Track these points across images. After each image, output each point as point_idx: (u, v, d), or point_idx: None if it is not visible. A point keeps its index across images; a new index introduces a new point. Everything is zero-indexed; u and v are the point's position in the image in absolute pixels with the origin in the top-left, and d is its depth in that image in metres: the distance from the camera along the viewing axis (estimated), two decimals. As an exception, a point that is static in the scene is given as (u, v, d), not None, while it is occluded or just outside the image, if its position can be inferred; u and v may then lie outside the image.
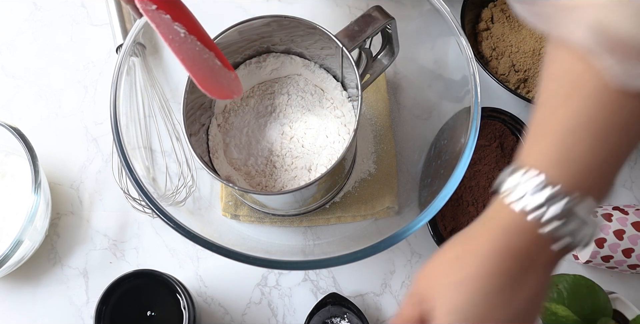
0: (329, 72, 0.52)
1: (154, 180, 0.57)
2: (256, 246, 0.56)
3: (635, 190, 0.61)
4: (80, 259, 0.58)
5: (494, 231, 0.31)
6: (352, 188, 0.59)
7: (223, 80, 0.38)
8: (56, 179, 0.61)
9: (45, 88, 0.64)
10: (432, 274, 0.33)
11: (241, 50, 0.50)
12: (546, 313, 0.47)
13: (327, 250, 0.57)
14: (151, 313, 0.49)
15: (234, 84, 0.38)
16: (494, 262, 0.30)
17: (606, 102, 0.29)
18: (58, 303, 0.57)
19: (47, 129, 0.63)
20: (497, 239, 0.31)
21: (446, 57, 0.52)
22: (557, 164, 0.30)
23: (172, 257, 0.59)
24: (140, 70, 0.59)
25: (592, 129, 0.30)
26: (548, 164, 0.30)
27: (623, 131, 0.30)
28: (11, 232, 0.55)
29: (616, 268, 0.54)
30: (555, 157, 0.30)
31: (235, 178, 0.49)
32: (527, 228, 0.30)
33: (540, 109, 0.32)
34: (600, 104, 0.29)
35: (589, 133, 0.30)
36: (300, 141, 0.51)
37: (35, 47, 0.66)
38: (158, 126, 0.58)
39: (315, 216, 0.58)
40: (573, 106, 0.30)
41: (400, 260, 0.58)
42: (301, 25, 0.46)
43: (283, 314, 0.57)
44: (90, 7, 0.67)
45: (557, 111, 0.31)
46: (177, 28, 0.35)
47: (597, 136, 0.30)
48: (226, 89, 0.38)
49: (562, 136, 0.30)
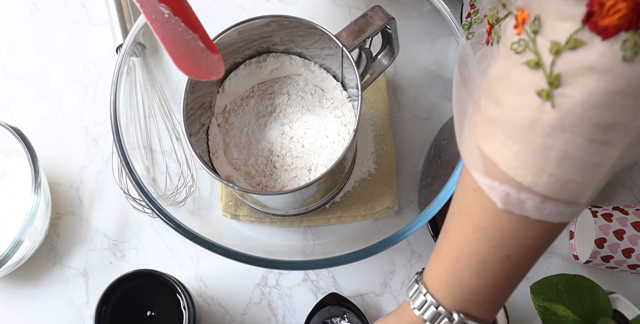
0: (329, 72, 0.52)
1: (154, 180, 0.57)
2: (256, 246, 0.56)
3: (635, 190, 0.61)
4: (80, 259, 0.58)
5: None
6: (352, 188, 0.59)
7: (203, 61, 0.38)
8: (56, 179, 0.61)
9: (45, 88, 0.64)
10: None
11: (241, 50, 0.50)
12: (546, 313, 0.47)
13: (327, 250, 0.57)
14: (151, 313, 0.49)
15: (215, 66, 0.39)
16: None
17: (492, 232, 0.32)
18: (58, 303, 0.57)
19: (47, 129, 0.63)
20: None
21: (446, 57, 0.52)
22: (444, 287, 0.35)
23: (172, 257, 0.59)
24: (140, 70, 0.59)
25: (475, 259, 0.33)
26: (437, 286, 0.36)
27: (506, 260, 0.33)
28: (11, 232, 0.55)
29: (616, 268, 0.54)
30: (443, 280, 0.35)
31: (235, 178, 0.49)
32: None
33: (443, 228, 0.36)
34: (485, 235, 0.32)
35: (472, 261, 0.33)
36: (300, 141, 0.51)
37: (35, 47, 0.66)
38: (158, 126, 0.58)
39: (315, 216, 0.58)
40: (463, 233, 0.34)
41: (400, 260, 0.58)
42: (301, 25, 0.46)
43: (283, 314, 0.57)
44: (90, 7, 0.67)
45: (451, 236, 0.35)
46: (162, 9, 0.36)
47: (478, 265, 0.33)
48: (204, 70, 0.38)
49: (450, 261, 0.35)
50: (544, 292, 0.47)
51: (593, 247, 0.53)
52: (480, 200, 0.32)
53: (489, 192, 0.31)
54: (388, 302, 0.57)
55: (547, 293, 0.47)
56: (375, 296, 0.57)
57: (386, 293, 0.57)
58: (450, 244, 0.35)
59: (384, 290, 0.58)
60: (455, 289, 0.35)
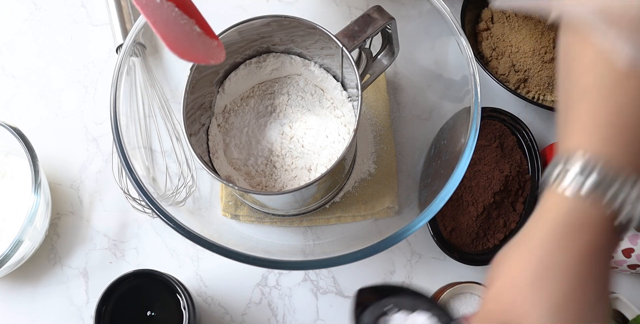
0: (329, 72, 0.52)
1: (154, 180, 0.57)
2: (256, 246, 0.56)
3: (635, 190, 0.61)
4: (80, 259, 0.58)
5: (567, 235, 0.30)
6: (352, 188, 0.59)
7: (200, 45, 0.37)
8: (56, 179, 0.61)
9: (45, 88, 0.64)
10: (513, 297, 0.31)
11: (241, 50, 0.50)
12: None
13: (327, 250, 0.57)
14: (151, 313, 0.49)
15: (215, 51, 0.38)
16: (580, 271, 0.30)
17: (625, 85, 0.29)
18: (58, 303, 0.57)
19: (47, 129, 0.63)
20: (575, 246, 0.30)
21: (446, 57, 0.52)
22: (606, 141, 0.29)
23: (172, 257, 0.59)
24: (140, 70, 0.59)
25: (633, 107, 0.29)
26: (596, 143, 0.30)
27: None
28: (11, 232, 0.55)
29: (616, 268, 0.54)
30: (603, 136, 0.29)
31: (235, 178, 0.49)
32: (591, 216, 0.30)
33: (568, 99, 0.32)
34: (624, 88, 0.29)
35: (631, 110, 0.29)
36: (300, 141, 0.51)
37: (35, 47, 0.66)
38: (158, 126, 0.58)
39: (315, 216, 0.58)
40: (601, 93, 0.30)
41: (400, 260, 0.58)
42: (301, 25, 0.46)
43: (283, 314, 0.57)
44: (90, 7, 0.67)
45: (587, 96, 0.30)
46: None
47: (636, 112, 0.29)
48: (202, 54, 0.37)
49: (606, 117, 0.29)
50: (544, 292, 0.47)
51: (593, 247, 0.53)
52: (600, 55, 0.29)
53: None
54: (388, 302, 0.57)
55: (547, 293, 0.47)
56: (375, 296, 0.57)
57: (386, 293, 0.57)
58: (591, 104, 0.30)
59: (384, 290, 0.58)
60: (619, 140, 0.29)
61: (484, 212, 0.56)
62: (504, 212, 0.57)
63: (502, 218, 0.57)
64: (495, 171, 0.57)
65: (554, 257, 0.30)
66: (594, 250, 0.30)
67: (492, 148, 0.58)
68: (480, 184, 0.57)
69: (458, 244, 0.56)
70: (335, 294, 0.58)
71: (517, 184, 0.58)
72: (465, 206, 0.57)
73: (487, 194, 0.56)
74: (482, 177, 0.57)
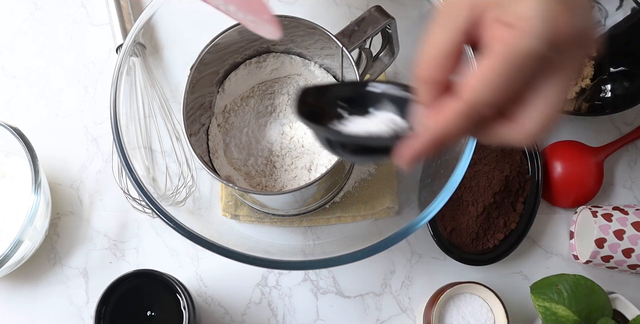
0: (329, 72, 0.52)
1: (154, 180, 0.57)
2: (256, 246, 0.56)
3: (635, 190, 0.61)
4: (80, 259, 0.58)
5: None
6: (352, 188, 0.59)
7: None
8: (56, 179, 0.61)
9: (45, 88, 0.64)
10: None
11: (241, 50, 0.50)
12: (546, 313, 0.47)
13: (327, 250, 0.57)
14: (151, 313, 0.49)
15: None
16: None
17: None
18: (58, 303, 0.57)
19: (47, 129, 0.63)
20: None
21: (446, 57, 0.52)
22: None
23: (172, 257, 0.59)
24: (140, 70, 0.59)
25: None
26: None
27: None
28: (11, 232, 0.55)
29: (616, 268, 0.54)
30: None
31: (235, 178, 0.49)
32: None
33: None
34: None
35: None
36: (300, 141, 0.51)
37: (35, 47, 0.66)
38: (158, 126, 0.58)
39: (315, 216, 0.58)
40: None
41: (400, 260, 0.58)
42: (301, 25, 0.46)
43: (283, 314, 0.57)
44: (90, 7, 0.67)
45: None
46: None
47: None
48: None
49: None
50: (544, 292, 0.47)
51: (593, 247, 0.53)
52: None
53: None
54: (388, 302, 0.57)
55: (547, 293, 0.47)
56: (375, 296, 0.57)
57: (386, 293, 0.57)
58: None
59: (384, 290, 0.58)
60: None
61: (484, 212, 0.56)
62: (504, 212, 0.57)
63: (502, 218, 0.57)
64: (495, 171, 0.57)
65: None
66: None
67: (492, 148, 0.58)
68: (481, 184, 0.57)
69: (458, 244, 0.57)
70: (335, 294, 0.58)
71: (517, 184, 0.58)
72: (466, 206, 0.57)
73: (487, 194, 0.56)
74: (482, 177, 0.57)
